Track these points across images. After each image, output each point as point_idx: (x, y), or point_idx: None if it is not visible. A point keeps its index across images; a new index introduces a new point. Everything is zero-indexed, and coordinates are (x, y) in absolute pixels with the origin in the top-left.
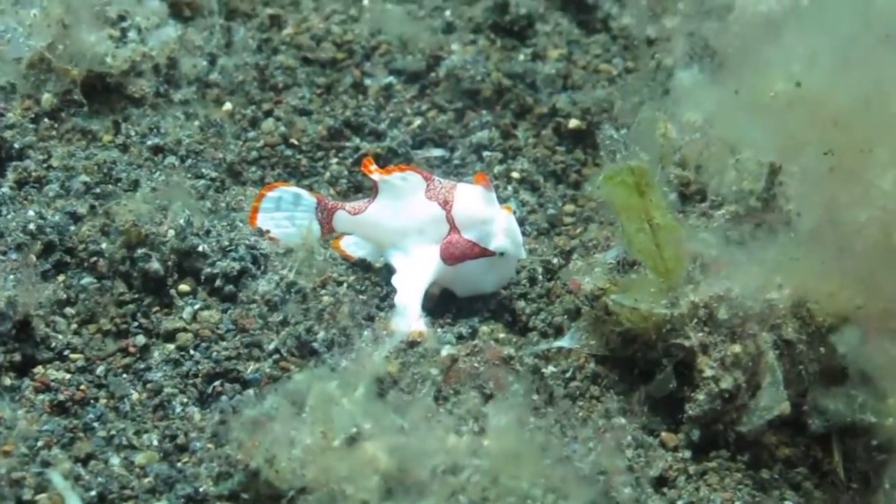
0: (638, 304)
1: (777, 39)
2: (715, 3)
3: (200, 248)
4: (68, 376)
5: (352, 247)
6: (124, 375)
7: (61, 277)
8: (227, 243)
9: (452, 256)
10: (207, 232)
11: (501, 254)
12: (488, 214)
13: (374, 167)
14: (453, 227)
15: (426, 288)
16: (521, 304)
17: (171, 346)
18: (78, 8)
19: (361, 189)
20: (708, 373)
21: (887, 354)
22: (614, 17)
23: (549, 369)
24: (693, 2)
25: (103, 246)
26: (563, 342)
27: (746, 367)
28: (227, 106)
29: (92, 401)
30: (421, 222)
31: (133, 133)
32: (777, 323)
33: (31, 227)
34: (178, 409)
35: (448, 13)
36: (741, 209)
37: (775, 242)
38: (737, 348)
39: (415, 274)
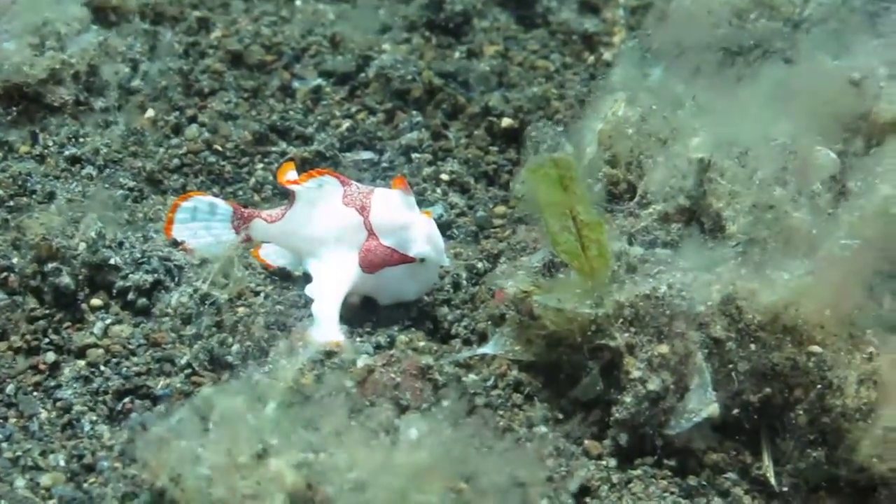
0: (562, 305)
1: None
2: None
3: (112, 261)
4: None
5: (271, 256)
6: (34, 393)
7: None
8: (139, 255)
9: (371, 264)
10: (120, 244)
11: (422, 260)
12: (407, 220)
13: (288, 176)
14: (371, 234)
15: (344, 297)
16: (444, 310)
17: (82, 363)
18: None
19: (287, 196)
20: (635, 374)
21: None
22: (553, 12)
23: (471, 378)
24: None
25: (14, 261)
26: (486, 349)
27: (674, 369)
28: (150, 112)
29: (1, 420)
30: (338, 229)
31: (51, 143)
32: (705, 321)
33: None
34: (87, 428)
35: (382, 12)
36: (670, 207)
37: (704, 241)
38: (664, 348)
39: (332, 283)
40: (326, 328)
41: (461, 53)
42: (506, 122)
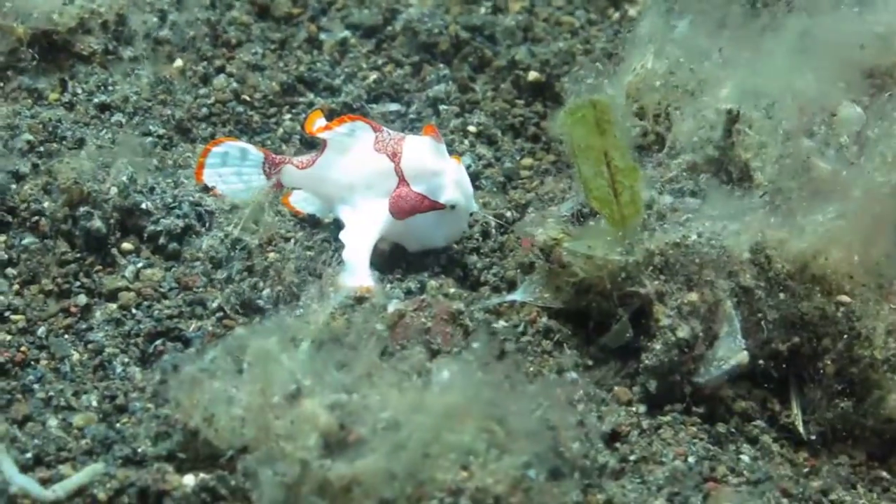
0: (592, 252)
1: None
2: None
3: (144, 206)
4: (9, 338)
5: (301, 202)
6: (65, 336)
7: (2, 237)
8: (170, 200)
9: (402, 210)
10: (151, 189)
11: (452, 207)
12: (438, 167)
13: (317, 124)
14: (402, 180)
15: (374, 243)
16: (473, 258)
17: (113, 306)
18: None
19: (315, 146)
20: (664, 322)
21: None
22: None
23: (500, 324)
24: None
25: (45, 205)
26: (516, 296)
27: (704, 316)
28: (178, 63)
29: (32, 362)
30: (369, 175)
31: (80, 91)
32: (734, 270)
33: None
34: (119, 370)
35: None
36: (699, 158)
37: (732, 190)
38: (693, 296)
39: (363, 229)
40: (357, 273)
41: (487, 8)
42: (532, 75)
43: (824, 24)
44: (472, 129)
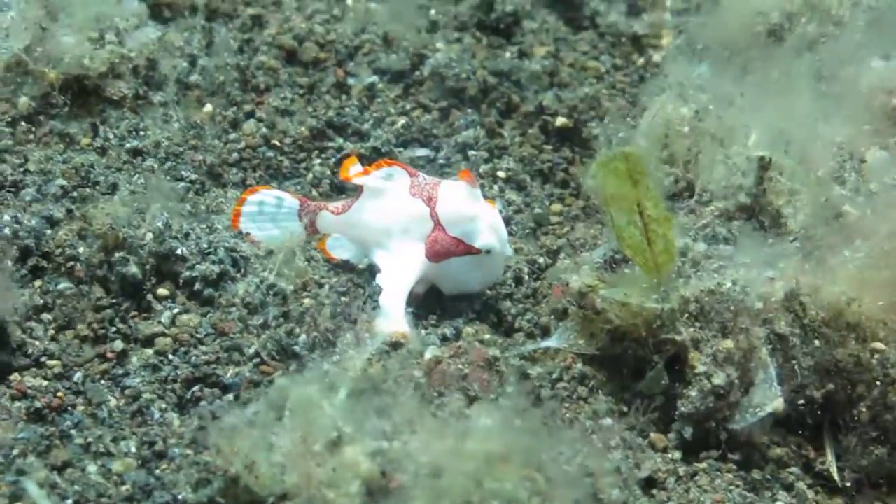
0: (628, 299)
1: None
2: None
3: (179, 252)
4: (45, 383)
5: (336, 249)
6: (102, 381)
7: (38, 283)
8: (206, 246)
9: (437, 254)
10: (186, 235)
11: (488, 251)
12: (473, 211)
13: (354, 170)
14: (437, 225)
15: (411, 287)
16: (507, 304)
17: (150, 352)
18: (56, 10)
19: (344, 190)
20: (700, 369)
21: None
22: (602, 14)
23: (536, 370)
24: None
25: (80, 250)
26: (550, 342)
27: (739, 363)
28: (208, 107)
29: (69, 408)
30: (405, 220)
31: (111, 136)
32: (769, 317)
33: (7, 231)
34: (157, 416)
35: (433, 11)
36: (731, 205)
37: (764, 237)
38: (729, 343)
39: (400, 273)
40: (393, 319)
41: (512, 54)
42: (560, 120)
43: (851, 72)
44: (501, 174)
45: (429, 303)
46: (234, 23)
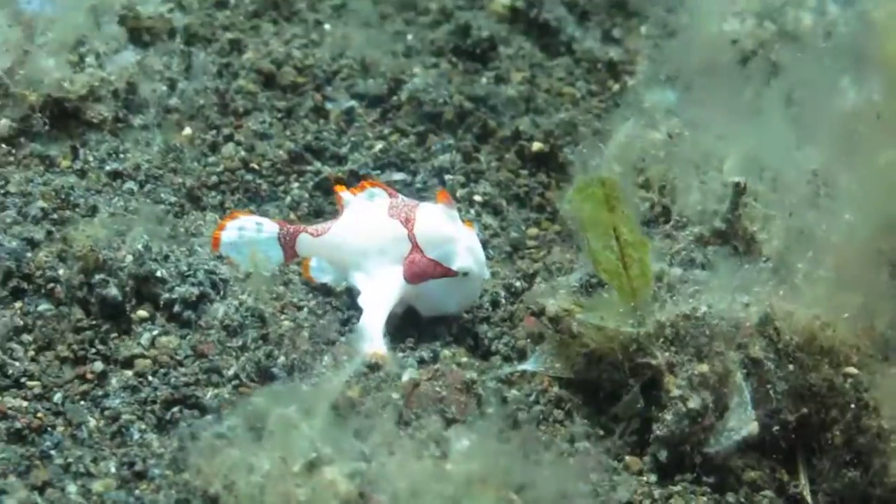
0: (605, 323)
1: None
2: (679, 23)
3: (159, 274)
4: (25, 404)
5: (318, 272)
6: (82, 402)
7: (18, 304)
8: (185, 268)
9: (415, 276)
10: (166, 257)
11: (465, 273)
12: (451, 233)
13: (345, 195)
14: (415, 246)
15: (390, 309)
16: (484, 327)
17: (130, 373)
18: (36, 33)
19: (322, 213)
20: (675, 392)
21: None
22: (577, 41)
23: (513, 393)
24: (655, 24)
25: (60, 272)
26: (527, 366)
27: (714, 387)
28: (187, 131)
29: (49, 428)
30: (382, 241)
31: (91, 158)
32: (744, 342)
33: None
34: (136, 436)
35: (410, 37)
36: (706, 230)
37: (739, 263)
38: (704, 367)
39: (379, 295)
40: (372, 341)
41: (488, 79)
42: (536, 146)
43: (824, 98)
44: (478, 198)
45: (406, 325)
46: (212, 47)
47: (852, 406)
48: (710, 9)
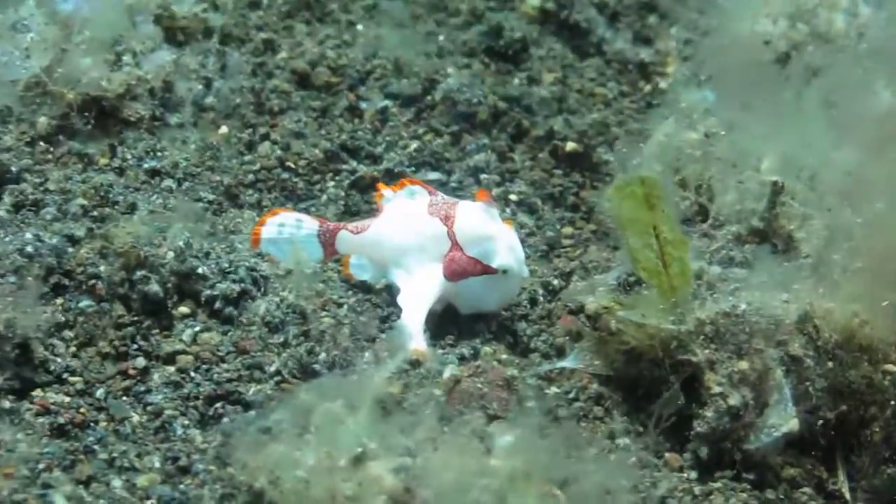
0: (645, 321)
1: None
2: (710, 24)
3: (200, 271)
4: (68, 399)
5: (358, 269)
6: (124, 398)
7: (59, 300)
8: (226, 265)
9: (454, 273)
10: (207, 254)
11: (504, 271)
12: (490, 231)
13: (385, 193)
14: (455, 244)
15: (430, 307)
16: (523, 325)
17: (172, 369)
18: (73, 32)
19: (358, 213)
20: (716, 389)
21: None
22: (608, 42)
23: (553, 390)
24: (686, 25)
25: (101, 269)
26: (567, 363)
27: (754, 384)
28: (224, 129)
29: (92, 423)
30: (422, 239)
31: (129, 156)
32: (783, 339)
33: (29, 249)
34: (179, 432)
35: (442, 38)
36: (743, 229)
37: (778, 261)
38: (744, 365)
39: (418, 293)
40: (413, 338)
41: (521, 80)
42: (570, 146)
43: (858, 100)
44: (513, 197)
45: (445, 322)
46: (246, 47)
47: (891, 403)
48: (742, 10)
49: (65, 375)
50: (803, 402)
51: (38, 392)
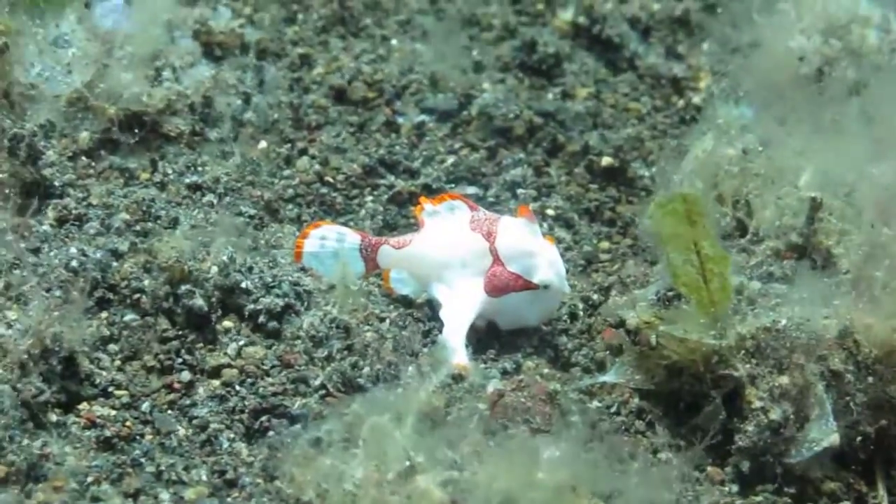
0: (687, 335)
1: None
2: (742, 40)
3: (244, 285)
4: (114, 412)
5: (398, 283)
6: (170, 411)
7: (104, 314)
8: (270, 280)
9: (495, 289)
10: (250, 269)
11: (546, 287)
12: (532, 247)
13: (425, 206)
14: (497, 260)
15: (471, 322)
16: (563, 339)
17: (217, 382)
18: (114, 47)
19: (396, 227)
20: (757, 404)
21: None
22: (640, 57)
23: (594, 404)
24: (718, 41)
25: (146, 283)
26: (608, 377)
27: (794, 399)
28: (262, 144)
29: (138, 437)
30: (464, 254)
31: (170, 171)
32: (824, 354)
33: (74, 264)
34: (226, 445)
35: (476, 53)
36: (781, 245)
37: (817, 276)
38: (785, 379)
39: (461, 308)
40: (455, 352)
41: (555, 94)
42: (606, 160)
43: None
44: (550, 212)
45: (487, 336)
46: (282, 62)
47: None
48: (776, 26)
49: (110, 389)
50: (843, 416)
51: (84, 405)
